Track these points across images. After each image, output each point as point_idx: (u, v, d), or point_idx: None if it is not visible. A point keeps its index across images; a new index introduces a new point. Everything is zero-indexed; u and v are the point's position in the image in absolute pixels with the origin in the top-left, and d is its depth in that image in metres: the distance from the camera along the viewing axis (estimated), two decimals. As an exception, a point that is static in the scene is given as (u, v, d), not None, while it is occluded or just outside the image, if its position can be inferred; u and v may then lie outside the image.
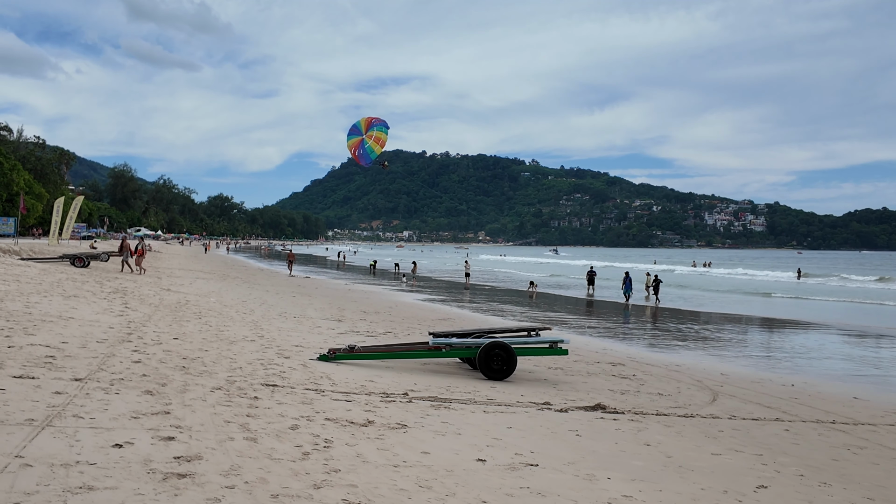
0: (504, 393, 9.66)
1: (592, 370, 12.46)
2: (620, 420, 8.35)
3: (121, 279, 24.85)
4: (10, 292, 14.96)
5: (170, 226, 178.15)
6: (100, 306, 14.93)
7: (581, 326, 21.77)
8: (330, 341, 13.57)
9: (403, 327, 17.60)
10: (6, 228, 42.22)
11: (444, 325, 18.98)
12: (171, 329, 12.76)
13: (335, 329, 15.96)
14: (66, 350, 9.18)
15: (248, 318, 16.33)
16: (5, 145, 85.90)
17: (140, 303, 16.89)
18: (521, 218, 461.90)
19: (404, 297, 30.74)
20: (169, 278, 29.04)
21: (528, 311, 26.56)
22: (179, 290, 22.80)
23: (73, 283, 20.25)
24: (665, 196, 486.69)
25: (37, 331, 10.44)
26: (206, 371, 8.96)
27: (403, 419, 7.37)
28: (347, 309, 21.90)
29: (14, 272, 20.69)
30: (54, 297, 15.26)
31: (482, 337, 11.37)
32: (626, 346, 17.13)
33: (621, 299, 33.89)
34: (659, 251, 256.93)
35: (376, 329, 16.63)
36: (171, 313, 15.48)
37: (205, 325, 14.13)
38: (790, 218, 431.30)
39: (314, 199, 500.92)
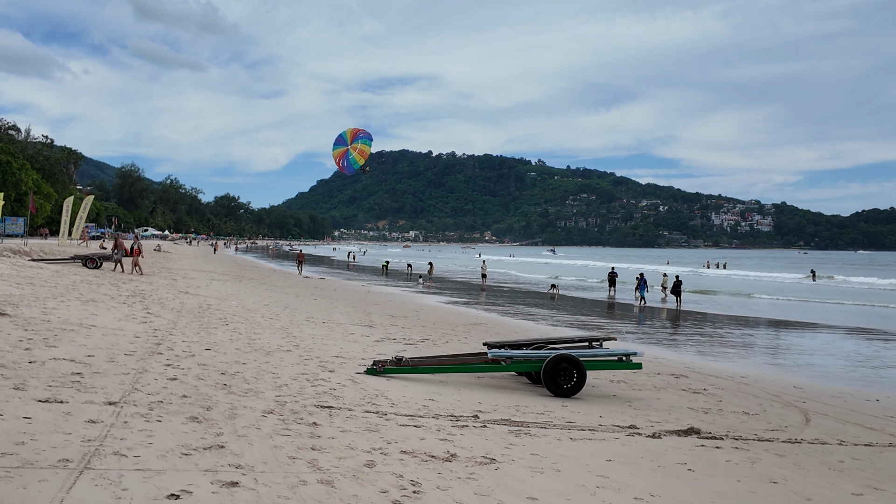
0: (579, 413, 8.66)
1: (657, 383, 11.44)
2: (724, 448, 7.34)
3: (136, 281, 23.93)
4: (26, 297, 14.03)
5: (177, 226, 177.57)
6: (120, 312, 13.98)
7: (619, 332, 20.72)
8: (369, 351, 12.60)
9: (438, 333, 16.62)
10: (15, 228, 41.42)
11: (477, 330, 18.01)
12: (200, 338, 11.80)
13: (369, 336, 14.97)
14: (94, 365, 8.22)
15: (276, 324, 15.37)
16: (13, 145, 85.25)
17: (161, 307, 15.94)
18: (527, 218, 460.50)
19: (426, 299, 29.76)
20: (184, 280, 28.12)
21: (556, 314, 25.55)
22: (198, 293, 21.87)
23: (89, 285, 19.33)
24: (672, 196, 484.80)
25: (58, 342, 9.49)
26: (250, 390, 7.99)
27: (488, 450, 6.38)
28: (373, 313, 20.93)
29: (27, 274, 19.79)
30: (72, 302, 14.32)
31: (543, 348, 10.39)
32: (676, 353, 16.09)
33: (654, 302, 32.98)
34: (666, 251, 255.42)
35: (412, 336, 15.64)
36: (195, 319, 14.53)
37: (234, 332, 13.18)
38: (797, 218, 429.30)
39: (320, 200, 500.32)
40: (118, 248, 29.68)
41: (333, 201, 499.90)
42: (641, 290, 32.49)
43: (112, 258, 29.43)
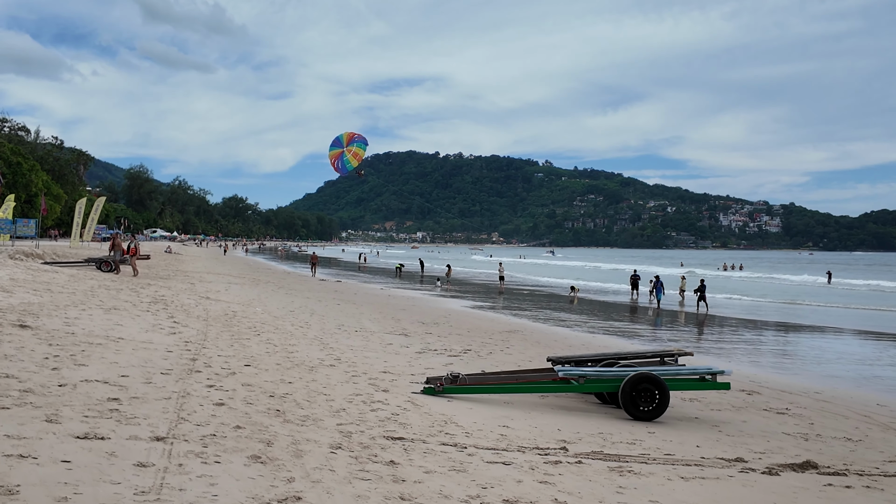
0: (672, 442, 7.72)
1: (733, 401, 10.49)
2: (855, 488, 6.40)
3: (154, 285, 23.08)
4: (45, 305, 13.18)
5: (185, 227, 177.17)
6: (146, 321, 13.11)
7: (660, 339, 19.80)
8: (415, 365, 11.70)
9: (477, 343, 15.70)
10: (27, 230, 40.67)
11: (515, 339, 17.09)
12: (236, 351, 10.92)
13: (408, 347, 14.06)
14: (130, 388, 7.33)
15: (308, 334, 14.48)
16: (23, 146, 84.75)
17: (187, 315, 15.07)
18: (534, 219, 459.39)
19: (449, 303, 28.84)
20: (202, 284, 27.27)
21: (587, 319, 24.61)
22: (219, 299, 21.01)
23: (108, 291, 18.48)
24: (679, 197, 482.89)
25: (87, 359, 8.61)
26: (307, 417, 7.09)
27: (600, 498, 5.45)
28: (403, 319, 20.02)
29: (43, 279, 18.95)
30: (94, 311, 13.46)
31: (613, 364, 9.46)
32: (733, 364, 15.10)
33: (672, 305, 32.08)
34: (674, 252, 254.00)
35: (451, 346, 14.73)
36: (224, 329, 13.65)
37: (267, 343, 12.29)
38: (806, 219, 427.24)
39: (327, 201, 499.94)
40: (115, 248, 28.65)
41: (341, 202, 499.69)
42: (658, 293, 31.60)
43: (111, 260, 28.37)
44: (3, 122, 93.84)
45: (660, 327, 23.55)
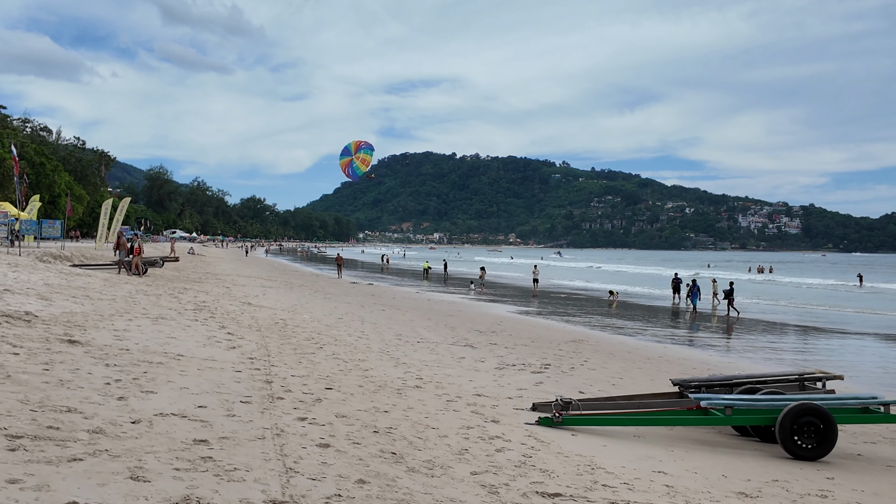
0: (865, 492, 6.37)
1: (881, 432, 9.11)
2: None
3: (191, 289, 21.97)
4: (88, 315, 12.01)
5: (204, 228, 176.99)
6: (199, 333, 11.91)
7: (735, 350, 18.38)
8: (503, 384, 10.42)
9: (550, 355, 14.38)
10: (52, 232, 39.90)
11: (586, 350, 15.77)
12: (306, 369, 9.69)
13: (483, 361, 12.77)
14: (214, 424, 6.09)
15: (371, 346, 13.24)
16: (45, 146, 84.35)
17: (237, 325, 13.87)
18: (551, 220, 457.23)
19: (494, 308, 27.52)
20: (237, 287, 26.16)
21: (645, 326, 23.22)
22: (261, 304, 19.84)
23: (147, 297, 17.35)
24: (698, 198, 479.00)
25: (152, 383, 7.40)
26: (432, 463, 5.82)
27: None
28: (458, 328, 18.75)
29: (78, 284, 17.86)
30: (140, 321, 12.29)
31: (752, 389, 8.13)
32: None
33: (711, 309, 30.76)
34: (692, 254, 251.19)
35: (527, 359, 13.41)
36: (282, 340, 12.43)
37: (335, 358, 11.06)
38: (826, 220, 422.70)
39: (344, 202, 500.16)
40: (121, 248, 27.32)
41: (357, 203, 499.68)
42: (694, 297, 30.30)
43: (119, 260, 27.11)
44: (26, 123, 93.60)
45: (718, 333, 22.10)
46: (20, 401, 5.89)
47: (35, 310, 11.31)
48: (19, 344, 8.34)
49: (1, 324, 9.47)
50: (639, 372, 12.98)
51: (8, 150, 61.49)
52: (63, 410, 5.81)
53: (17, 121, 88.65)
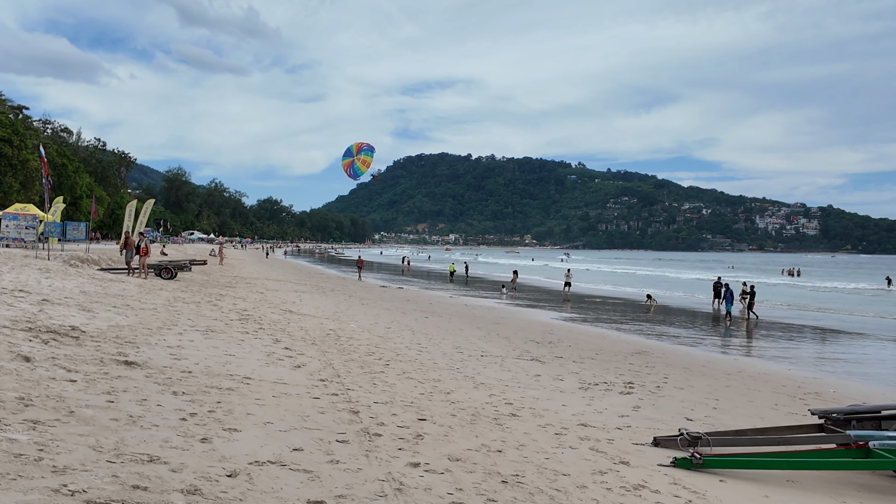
0: None
1: None
2: None
3: (226, 295, 21.06)
4: (136, 328, 11.06)
5: (221, 229, 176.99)
6: (255, 348, 10.93)
7: (803, 361, 17.19)
8: (600, 409, 9.33)
9: (626, 371, 13.28)
10: (77, 234, 39.09)
11: (657, 364, 14.66)
12: (385, 393, 8.67)
13: (562, 380, 11.68)
14: (321, 475, 5.07)
15: (438, 362, 12.21)
16: (66, 148, 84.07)
17: (289, 337, 12.89)
18: (567, 221, 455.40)
19: (536, 314, 26.43)
20: (270, 292, 25.26)
21: (700, 335, 22.04)
22: (302, 312, 18.89)
23: (187, 305, 16.44)
24: (715, 199, 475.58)
25: (231, 416, 6.41)
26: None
27: None
28: (511, 337, 17.68)
29: (114, 291, 16.98)
30: (191, 334, 11.33)
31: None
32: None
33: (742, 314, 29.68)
34: (709, 255, 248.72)
35: (607, 377, 12.31)
36: (342, 355, 11.43)
37: (408, 378, 10.04)
38: (844, 221, 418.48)
39: (360, 203, 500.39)
40: (128, 248, 26.34)
41: (373, 204, 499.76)
42: (727, 302, 29.14)
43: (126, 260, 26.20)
44: (46, 124, 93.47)
45: (772, 340, 20.89)
46: (92, 447, 4.91)
47: (80, 323, 10.38)
48: (73, 367, 7.38)
49: (48, 342, 8.53)
50: (729, 391, 11.86)
51: (30, 152, 61.17)
52: (144, 460, 4.81)
53: (37, 122, 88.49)
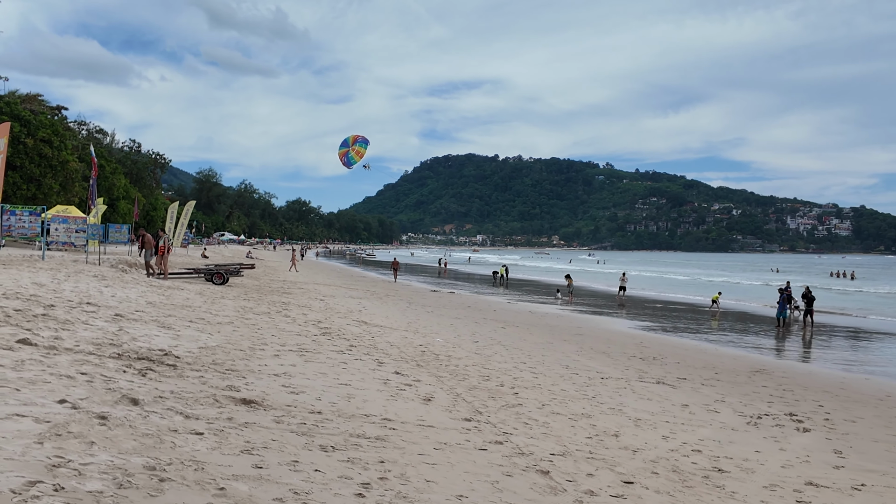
0: None
1: None
2: None
3: (290, 303, 19.65)
4: (227, 349, 9.61)
5: (251, 230, 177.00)
6: (364, 374, 9.42)
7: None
8: (800, 458, 7.69)
9: (767, 396, 11.58)
10: (119, 236, 38.30)
11: (794, 387, 12.96)
12: (550, 439, 7.11)
13: (718, 412, 10.01)
14: None
15: (566, 389, 10.60)
16: (102, 149, 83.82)
17: (386, 356, 11.37)
18: (595, 222, 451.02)
19: (611, 323, 24.72)
20: (329, 298, 23.87)
21: (794, 345, 20.21)
22: (375, 322, 17.42)
23: (259, 317, 15.04)
24: (745, 199, 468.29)
25: (410, 488, 4.89)
26: None
27: None
28: (609, 353, 16.02)
29: (177, 301, 15.65)
30: (287, 356, 9.87)
31: None
32: None
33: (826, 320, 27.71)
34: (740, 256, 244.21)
35: (759, 406, 10.61)
36: (459, 381, 9.89)
37: (555, 414, 8.48)
38: (877, 222, 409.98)
39: (387, 204, 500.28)
40: (146, 246, 24.99)
41: (400, 205, 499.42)
42: (782, 307, 27.19)
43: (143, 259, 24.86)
44: (81, 126, 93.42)
45: (858, 350, 18.98)
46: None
47: (168, 346, 8.96)
48: (190, 412, 5.91)
49: (146, 373, 7.08)
50: (908, 425, 10.14)
51: (69, 152, 60.66)
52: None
53: (73, 123, 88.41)
